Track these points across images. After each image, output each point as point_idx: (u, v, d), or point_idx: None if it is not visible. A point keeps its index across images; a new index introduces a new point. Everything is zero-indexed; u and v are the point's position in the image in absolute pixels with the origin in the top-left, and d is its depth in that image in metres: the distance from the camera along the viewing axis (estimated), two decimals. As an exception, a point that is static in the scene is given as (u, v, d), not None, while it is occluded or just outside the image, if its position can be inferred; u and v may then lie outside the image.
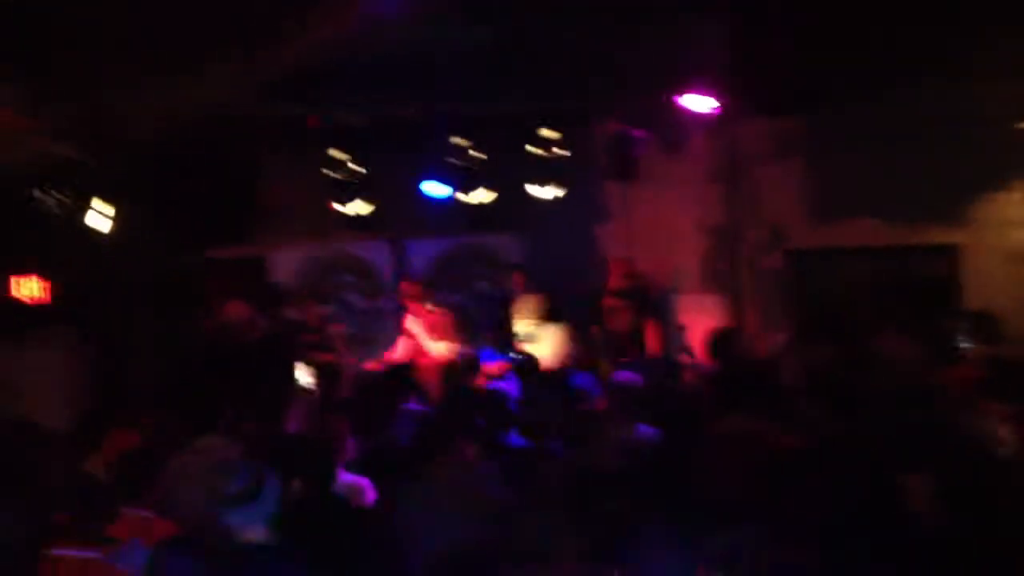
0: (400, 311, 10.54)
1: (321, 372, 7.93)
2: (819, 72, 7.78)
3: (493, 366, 9.22)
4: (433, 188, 9.72)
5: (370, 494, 5.08)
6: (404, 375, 6.67)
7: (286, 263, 11.15)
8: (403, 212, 11.08)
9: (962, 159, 7.97)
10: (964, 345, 7.17)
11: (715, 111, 7.50)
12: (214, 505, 4.13)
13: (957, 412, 5.26)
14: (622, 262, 10.30)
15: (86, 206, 8.02)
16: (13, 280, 10.17)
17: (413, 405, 6.38)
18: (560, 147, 9.14)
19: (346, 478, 5.04)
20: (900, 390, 5.57)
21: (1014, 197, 7.89)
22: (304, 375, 7.62)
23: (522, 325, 9.23)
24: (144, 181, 9.01)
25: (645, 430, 5.59)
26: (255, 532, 3.99)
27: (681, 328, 9.41)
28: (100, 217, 8.08)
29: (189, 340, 9.91)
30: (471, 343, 10.31)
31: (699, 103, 7.38)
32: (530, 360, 8.05)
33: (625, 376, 6.74)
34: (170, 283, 10.57)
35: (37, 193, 7.92)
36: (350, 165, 9.12)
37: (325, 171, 9.17)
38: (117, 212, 8.14)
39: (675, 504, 3.89)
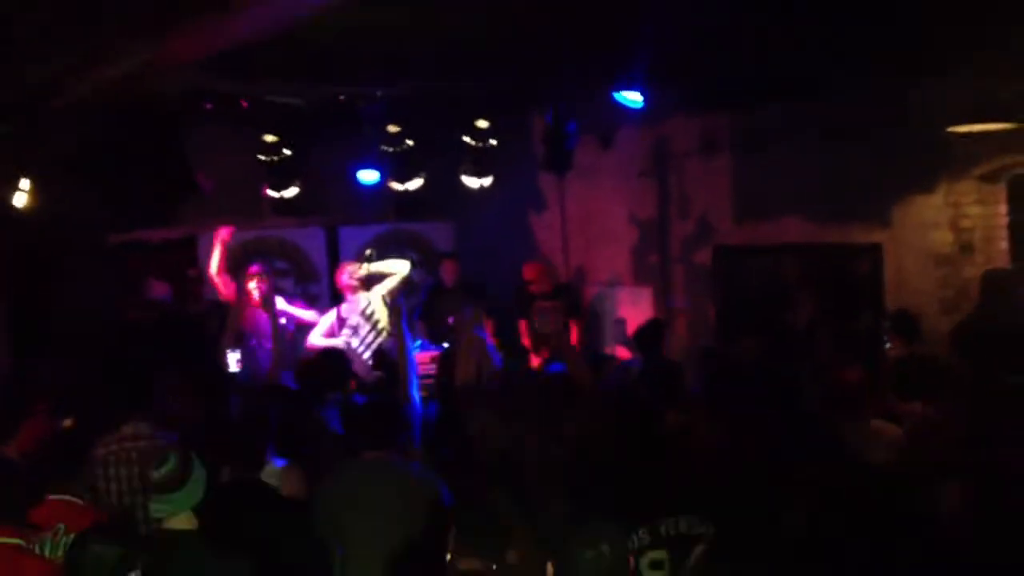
0: (333, 297, 10.52)
1: (249, 357, 7.89)
2: (747, 69, 7.89)
3: (425, 356, 9.25)
4: (366, 175, 9.68)
5: (299, 480, 5.07)
6: (336, 361, 6.64)
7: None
8: (335, 198, 11.04)
9: (887, 160, 8.16)
10: (886, 344, 7.38)
11: (645, 106, 7.56)
12: (140, 491, 4.11)
13: (833, 417, 5.43)
14: (539, 264, 10.37)
15: (13, 185, 7.87)
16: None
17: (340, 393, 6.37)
18: (494, 137, 9.15)
19: (277, 463, 5.02)
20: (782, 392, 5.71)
21: (935, 199, 8.09)
22: (232, 359, 7.56)
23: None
24: (75, 158, 8.85)
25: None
26: (180, 519, 3.97)
27: (620, 321, 9.52)
28: (21, 193, 7.94)
29: (116, 321, 9.77)
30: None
31: (630, 98, 7.44)
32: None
33: (556, 368, 6.84)
34: (98, 262, 10.41)
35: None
36: (284, 150, 9.03)
37: (259, 156, 9.06)
38: (40, 189, 7.98)
39: (607, 496, 3.96)
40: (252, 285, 8.56)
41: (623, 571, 2.92)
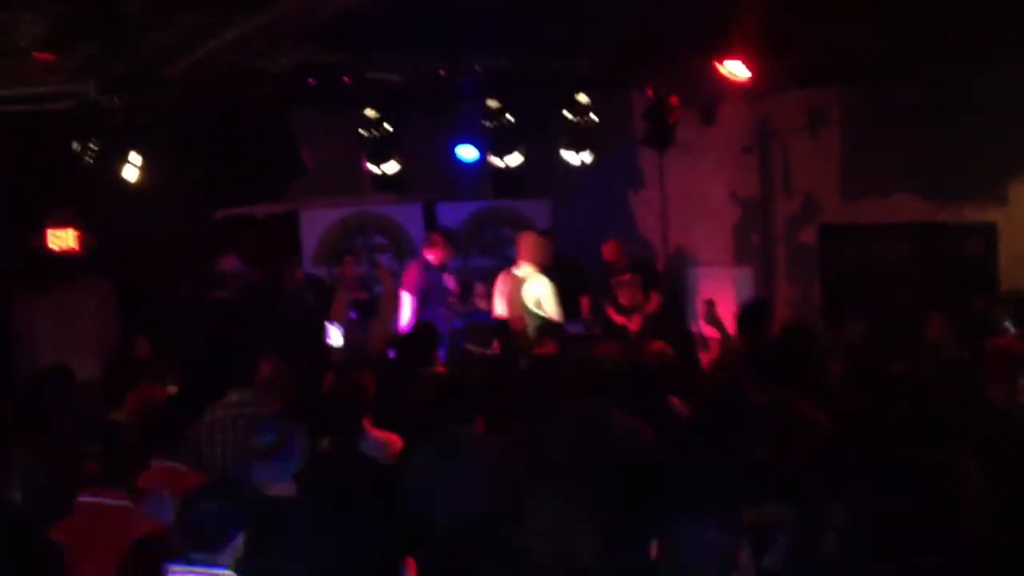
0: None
1: (350, 330, 7.96)
2: (856, 45, 7.64)
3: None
4: (465, 151, 9.68)
5: (398, 449, 5.09)
6: (430, 335, 6.66)
7: (317, 222, 11.20)
8: (434, 174, 11.09)
9: (1000, 137, 7.82)
10: (1006, 327, 7.08)
11: (750, 80, 7.38)
12: (243, 458, 4.18)
13: (992, 387, 5.23)
14: (615, 242, 10.30)
15: (123, 158, 8.05)
16: (50, 232, 10.30)
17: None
18: (594, 112, 9.05)
19: (375, 434, 5.05)
20: (936, 369, 5.51)
21: (1055, 177, 7.75)
22: (334, 333, 7.65)
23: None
24: (177, 133, 9.04)
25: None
26: (281, 486, 4.02)
27: (709, 302, 9.36)
28: (132, 168, 8.12)
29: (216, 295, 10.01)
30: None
31: (735, 71, 7.26)
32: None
33: (658, 347, 6.71)
34: (202, 236, 10.66)
35: (75, 144, 7.96)
36: (384, 125, 9.08)
37: (360, 130, 9.13)
38: (149, 163, 8.16)
39: (710, 477, 3.87)
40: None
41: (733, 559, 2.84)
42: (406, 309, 8.65)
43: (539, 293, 8.67)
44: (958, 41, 7.19)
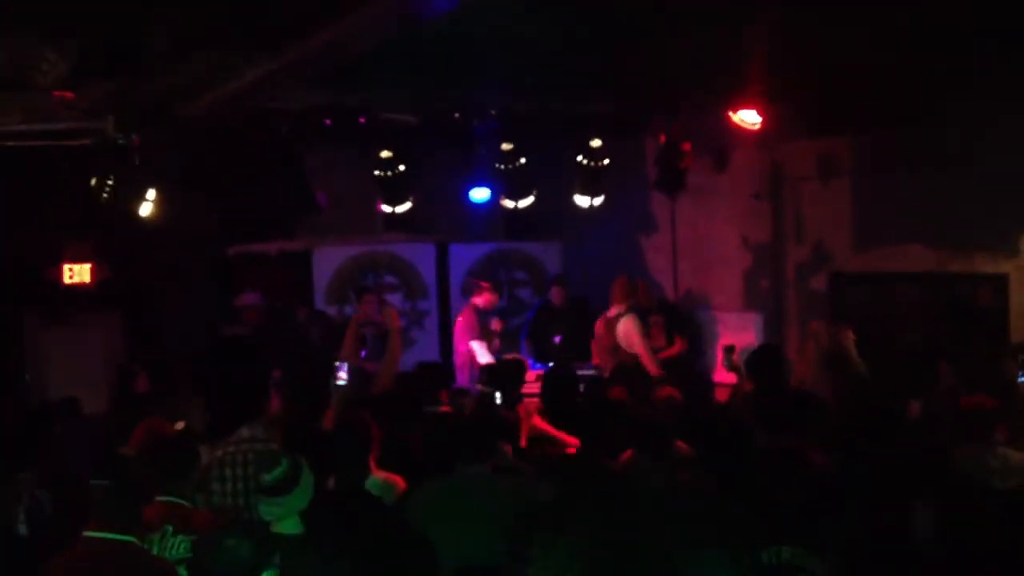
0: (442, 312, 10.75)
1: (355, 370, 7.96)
2: (867, 93, 7.70)
3: (531, 375, 9.23)
4: (478, 193, 9.74)
5: (402, 490, 5.08)
6: (437, 375, 6.68)
7: (330, 260, 11.24)
8: (447, 215, 11.15)
9: (1012, 187, 7.85)
10: (1021, 379, 7.03)
11: (762, 128, 7.44)
12: (251, 494, 4.16)
13: (957, 443, 5.24)
14: (625, 281, 10.20)
15: (140, 194, 8.13)
16: (66, 266, 10.38)
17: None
18: (607, 157, 9.11)
19: (379, 474, 5.05)
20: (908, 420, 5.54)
21: (1066, 229, 7.76)
22: (340, 372, 7.65)
23: None
24: (193, 170, 9.13)
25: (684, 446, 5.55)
26: (288, 523, 4.01)
27: (728, 347, 9.32)
28: (147, 204, 8.19)
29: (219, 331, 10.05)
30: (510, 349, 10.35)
31: (747, 118, 7.32)
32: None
33: (666, 392, 6.72)
34: (215, 272, 10.71)
35: (93, 180, 8.05)
36: (398, 166, 9.15)
37: (375, 171, 9.20)
38: (166, 200, 8.23)
39: (722, 520, 3.87)
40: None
41: None
42: (480, 353, 9.48)
43: (625, 332, 9.02)
44: (967, 90, 7.24)
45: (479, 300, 9.99)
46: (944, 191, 8.33)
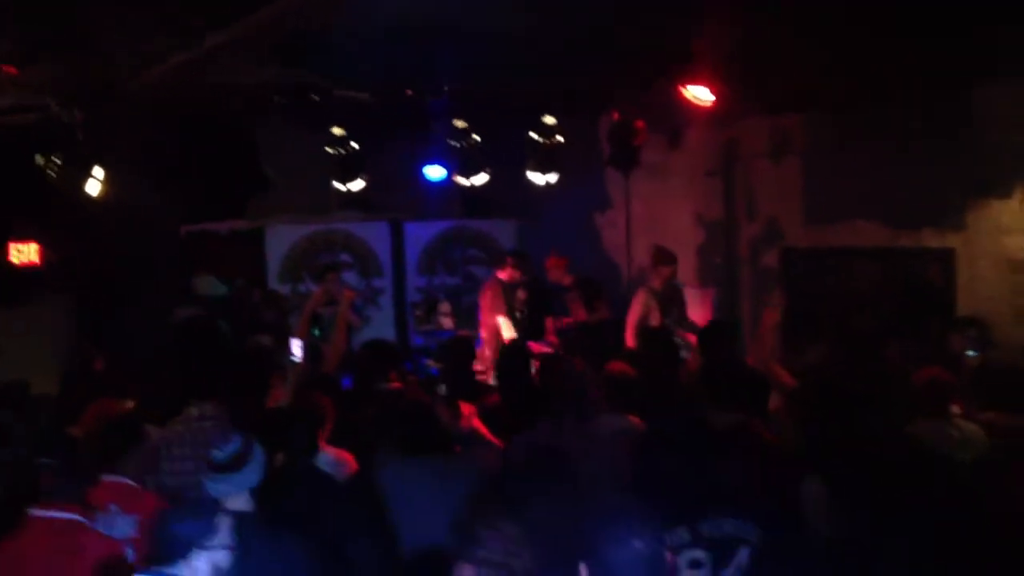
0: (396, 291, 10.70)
1: (309, 347, 7.93)
2: (821, 71, 7.76)
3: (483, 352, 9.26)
4: (433, 171, 9.71)
5: (352, 467, 5.09)
6: (385, 353, 6.67)
7: (283, 238, 11.18)
8: (402, 194, 11.11)
9: (961, 163, 7.95)
10: (969, 353, 7.15)
11: (715, 105, 7.47)
12: (201, 472, 4.14)
13: (915, 419, 5.32)
14: (560, 257, 10.22)
15: (86, 172, 8.00)
16: (12, 246, 10.22)
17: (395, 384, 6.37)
18: (561, 134, 9.12)
19: (329, 451, 5.05)
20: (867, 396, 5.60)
21: (1012, 204, 7.86)
22: (295, 349, 7.63)
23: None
24: (141, 148, 9.01)
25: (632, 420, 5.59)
26: (238, 500, 4.00)
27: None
28: (95, 182, 8.07)
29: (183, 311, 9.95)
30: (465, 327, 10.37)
31: (700, 96, 7.35)
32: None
33: (617, 367, 6.74)
34: (167, 252, 10.60)
35: (38, 158, 7.91)
36: (351, 143, 9.10)
37: (327, 148, 9.14)
38: (113, 178, 8.12)
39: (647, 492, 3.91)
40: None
41: (660, 568, 2.83)
42: (505, 328, 9.43)
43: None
44: (919, 69, 7.31)
45: (503, 274, 9.85)
46: (892, 167, 8.43)
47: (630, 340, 8.64)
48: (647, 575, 2.82)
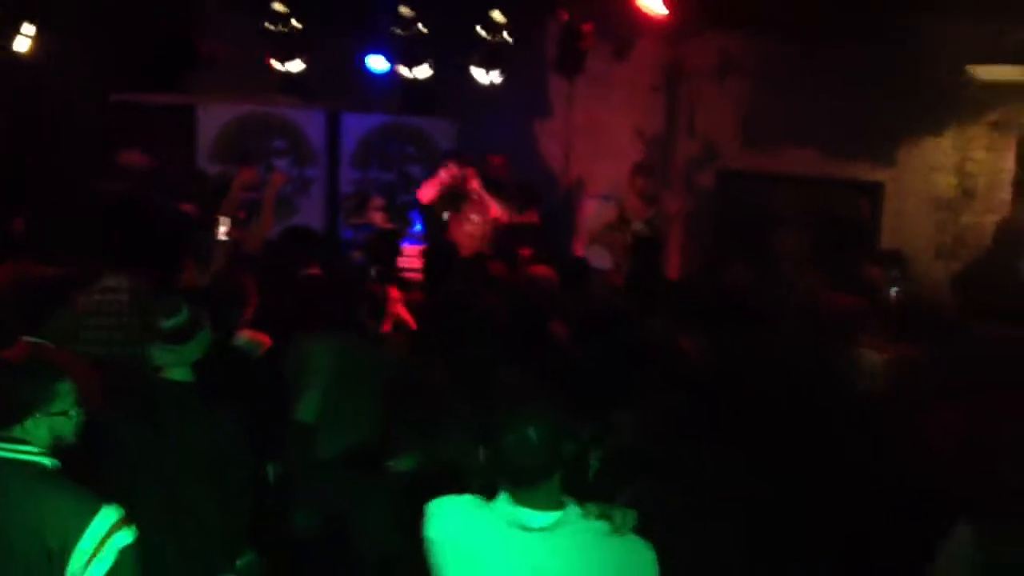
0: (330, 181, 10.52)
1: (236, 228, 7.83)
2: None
3: (414, 249, 9.21)
4: (375, 62, 9.52)
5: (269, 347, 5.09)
6: (307, 239, 6.62)
7: (216, 118, 10.90)
8: (342, 83, 10.88)
9: (897, 100, 8.05)
10: (889, 288, 7.30)
11: (665, 17, 7.40)
12: (144, 339, 4.06)
13: (829, 344, 5.44)
14: (500, 157, 10.17)
15: (16, 28, 7.72)
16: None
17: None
18: (508, 32, 8.98)
19: (245, 333, 5.03)
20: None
21: (943, 142, 8.01)
22: (222, 227, 7.51)
23: None
24: (78, 9, 8.68)
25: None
26: (180, 371, 3.95)
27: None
28: (24, 39, 7.79)
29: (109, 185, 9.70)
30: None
31: (652, 5, 7.28)
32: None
33: (540, 271, 6.77)
34: (94, 120, 10.28)
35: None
36: (292, 20, 8.84)
37: (266, 24, 8.88)
38: (43, 36, 7.83)
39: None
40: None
41: (554, 459, 2.89)
42: None
43: None
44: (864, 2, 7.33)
45: (445, 175, 9.51)
46: (832, 98, 8.50)
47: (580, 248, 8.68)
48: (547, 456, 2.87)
